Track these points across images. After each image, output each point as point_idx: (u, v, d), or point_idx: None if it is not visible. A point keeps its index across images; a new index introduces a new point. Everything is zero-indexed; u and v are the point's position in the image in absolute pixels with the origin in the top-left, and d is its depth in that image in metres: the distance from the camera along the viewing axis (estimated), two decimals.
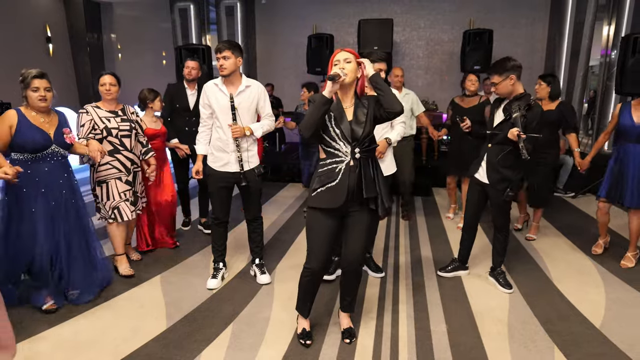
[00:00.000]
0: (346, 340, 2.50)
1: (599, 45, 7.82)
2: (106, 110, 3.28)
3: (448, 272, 3.38)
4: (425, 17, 8.83)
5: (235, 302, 2.98)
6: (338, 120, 2.25)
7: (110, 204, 3.26)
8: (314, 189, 2.31)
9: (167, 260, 3.68)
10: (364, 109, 2.29)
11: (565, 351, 2.41)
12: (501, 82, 2.90)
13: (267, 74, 9.04)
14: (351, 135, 2.23)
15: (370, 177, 2.28)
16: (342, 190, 2.24)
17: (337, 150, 2.26)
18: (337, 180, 2.25)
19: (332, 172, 2.26)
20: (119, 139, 3.26)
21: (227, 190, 3.15)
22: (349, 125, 2.24)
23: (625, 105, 3.42)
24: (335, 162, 2.27)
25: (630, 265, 3.55)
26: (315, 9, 9.06)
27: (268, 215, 4.82)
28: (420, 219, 4.90)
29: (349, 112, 2.29)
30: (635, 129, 3.30)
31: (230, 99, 2.93)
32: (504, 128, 2.91)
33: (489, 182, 3.02)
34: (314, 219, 2.35)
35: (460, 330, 2.64)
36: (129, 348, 2.45)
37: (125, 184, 3.30)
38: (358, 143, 2.24)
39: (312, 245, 2.37)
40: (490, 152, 3.01)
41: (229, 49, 2.89)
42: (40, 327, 2.64)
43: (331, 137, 2.26)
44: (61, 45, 8.92)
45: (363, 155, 2.27)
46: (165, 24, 9.34)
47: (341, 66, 2.22)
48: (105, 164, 3.21)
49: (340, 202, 2.25)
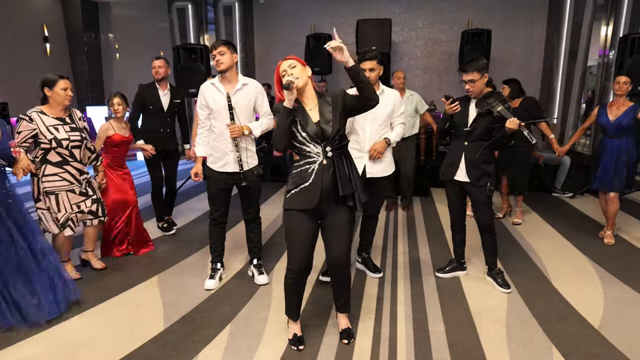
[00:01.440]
0: (344, 341, 2.50)
1: (597, 45, 7.84)
2: (53, 117, 3.03)
3: (446, 272, 3.37)
4: (424, 17, 8.83)
5: (233, 302, 2.97)
6: (304, 124, 2.24)
7: (62, 216, 3.11)
8: (288, 191, 2.30)
9: (165, 261, 3.67)
10: (329, 106, 2.28)
11: (564, 351, 2.41)
12: (479, 80, 2.94)
13: (265, 74, 9.03)
14: (320, 136, 2.22)
15: (345, 174, 2.26)
16: (315, 190, 2.23)
17: (308, 152, 2.26)
18: (310, 181, 2.24)
19: (304, 172, 2.26)
20: (69, 150, 3.07)
21: (226, 191, 3.14)
22: (315, 127, 2.23)
23: (602, 106, 4.03)
24: (307, 163, 2.26)
25: (612, 241, 4.05)
26: (313, 8, 9.05)
27: (266, 215, 4.81)
28: (419, 219, 4.90)
29: (314, 113, 2.28)
30: (611, 125, 3.90)
31: (227, 98, 2.92)
32: (480, 124, 2.96)
33: (470, 181, 3.03)
34: (290, 221, 2.32)
35: (459, 330, 2.64)
36: (126, 349, 2.44)
37: (80, 195, 3.18)
38: (328, 142, 2.24)
39: (292, 246, 2.35)
40: (467, 150, 3.03)
41: (224, 45, 2.91)
42: (36, 329, 2.63)
43: (300, 141, 2.26)
44: (59, 45, 8.91)
45: (336, 153, 2.26)
46: (163, 24, 9.33)
47: (289, 73, 2.23)
48: (52, 174, 3.05)
49: (314, 202, 2.24)
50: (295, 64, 2.26)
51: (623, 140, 3.88)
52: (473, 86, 2.96)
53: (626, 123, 3.82)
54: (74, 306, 2.88)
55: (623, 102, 3.88)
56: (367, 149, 3.05)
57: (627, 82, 3.83)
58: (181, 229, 4.57)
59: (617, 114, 3.87)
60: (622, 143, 3.88)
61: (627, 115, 3.82)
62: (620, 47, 5.66)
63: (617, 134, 3.88)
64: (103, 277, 3.37)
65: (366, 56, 3.00)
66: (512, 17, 8.49)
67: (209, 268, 3.33)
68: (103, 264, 3.49)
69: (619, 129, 3.86)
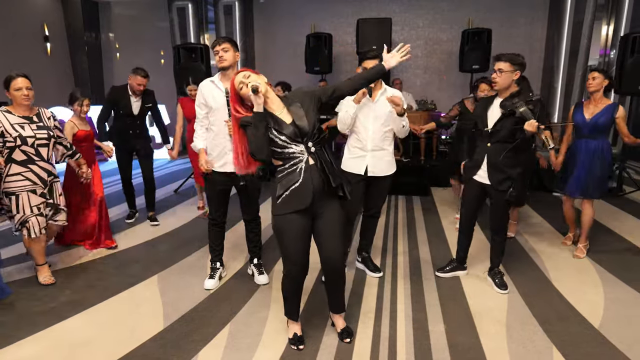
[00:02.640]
0: (346, 340, 2.48)
1: (597, 44, 7.83)
2: (19, 116, 2.99)
3: (446, 272, 3.37)
4: (424, 17, 8.83)
5: (232, 302, 2.97)
6: (279, 129, 2.21)
7: (20, 218, 3.02)
8: (278, 196, 2.25)
9: (165, 261, 3.67)
10: (297, 104, 2.27)
11: (564, 351, 2.41)
12: (507, 72, 2.80)
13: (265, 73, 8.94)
14: (299, 134, 2.21)
15: (330, 165, 2.25)
16: (307, 189, 2.21)
17: (292, 153, 2.22)
18: (300, 180, 2.21)
19: (292, 174, 2.22)
20: (34, 148, 3.01)
21: (225, 192, 3.14)
22: (292, 127, 2.21)
23: (577, 104, 3.73)
24: (293, 164, 2.22)
25: (582, 256, 3.73)
26: (313, 8, 9.05)
27: (266, 215, 4.79)
28: (419, 218, 4.89)
29: (285, 115, 2.26)
30: (586, 124, 3.59)
31: (226, 94, 2.90)
32: (504, 125, 2.85)
33: (491, 184, 2.96)
34: (283, 224, 2.28)
35: (459, 330, 2.63)
36: (126, 348, 2.44)
37: (40, 196, 3.08)
38: (308, 137, 2.22)
39: (287, 249, 2.31)
40: (490, 151, 2.94)
41: (228, 42, 2.89)
42: (36, 328, 2.63)
43: (281, 145, 2.21)
44: (59, 44, 8.91)
45: (317, 147, 2.25)
46: (163, 23, 9.33)
47: (245, 83, 2.22)
48: (15, 174, 2.98)
49: (307, 201, 2.21)
50: (249, 74, 2.25)
51: (598, 142, 3.57)
52: (499, 76, 2.81)
53: (602, 122, 3.52)
54: (73, 305, 2.89)
55: (600, 99, 3.56)
56: (370, 147, 3.04)
57: (598, 77, 3.48)
58: (181, 228, 4.57)
59: (593, 112, 3.55)
60: (597, 145, 3.56)
61: (603, 114, 3.51)
62: (621, 46, 5.65)
63: (593, 134, 3.57)
64: (103, 276, 3.37)
65: (367, 55, 2.97)
66: (513, 17, 8.49)
67: (209, 267, 3.32)
68: (51, 279, 3.23)
69: (594, 128, 3.55)
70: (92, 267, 3.54)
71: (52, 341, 2.52)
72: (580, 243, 3.81)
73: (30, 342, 2.51)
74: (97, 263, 3.61)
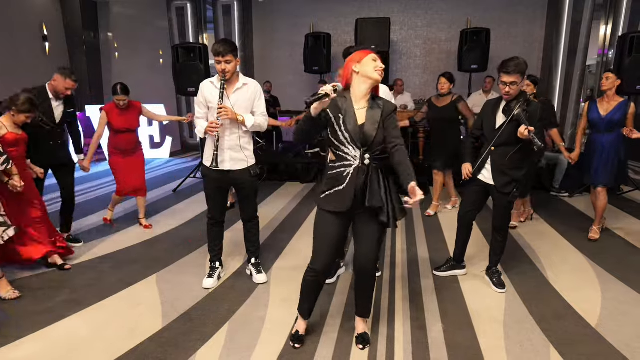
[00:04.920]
0: (359, 346, 2.44)
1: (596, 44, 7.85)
2: None
3: (443, 271, 3.37)
4: (423, 16, 8.84)
5: (231, 301, 2.97)
6: (347, 123, 2.15)
7: None
8: (322, 191, 2.27)
9: (163, 260, 3.67)
10: (379, 110, 2.19)
11: (561, 350, 2.41)
12: (519, 84, 2.82)
13: (264, 73, 9.03)
14: (361, 140, 2.15)
15: (376, 186, 2.18)
16: (349, 194, 2.19)
17: (346, 154, 2.19)
18: (344, 185, 2.20)
19: (340, 175, 2.21)
20: None
21: (223, 190, 3.14)
22: (358, 129, 2.15)
23: (591, 102, 4.03)
24: (344, 166, 2.21)
25: (596, 237, 4.10)
26: (312, 7, 9.06)
27: (265, 215, 4.81)
28: (417, 218, 4.90)
29: (361, 114, 2.18)
30: (602, 120, 3.92)
31: (221, 87, 2.87)
32: (506, 129, 2.86)
33: (495, 185, 2.98)
34: (321, 221, 2.30)
35: (457, 329, 2.64)
36: (125, 347, 2.44)
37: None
38: (368, 149, 2.17)
39: (318, 246, 2.32)
40: (494, 154, 2.95)
41: (230, 53, 2.83)
42: (34, 327, 2.63)
43: (340, 141, 2.18)
44: (58, 44, 8.90)
45: (373, 164, 2.20)
46: (162, 23, 9.33)
47: (381, 65, 2.17)
48: None
49: (346, 206, 2.20)
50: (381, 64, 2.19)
51: (614, 135, 3.89)
52: (512, 88, 2.81)
53: (618, 118, 3.84)
54: (71, 305, 2.89)
55: (613, 97, 3.90)
56: None
57: (611, 77, 3.84)
58: (179, 227, 4.57)
59: (608, 109, 3.88)
60: (613, 138, 3.89)
61: (618, 110, 3.84)
62: (619, 46, 5.65)
63: (609, 129, 3.90)
64: (101, 276, 3.37)
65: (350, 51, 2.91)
66: (511, 16, 8.50)
67: (208, 267, 3.33)
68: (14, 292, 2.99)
69: (610, 124, 3.88)
70: (90, 266, 3.54)
71: (51, 341, 2.52)
72: (595, 225, 4.15)
73: (30, 341, 2.51)
74: (95, 262, 3.61)
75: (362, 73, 2.17)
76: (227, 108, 2.86)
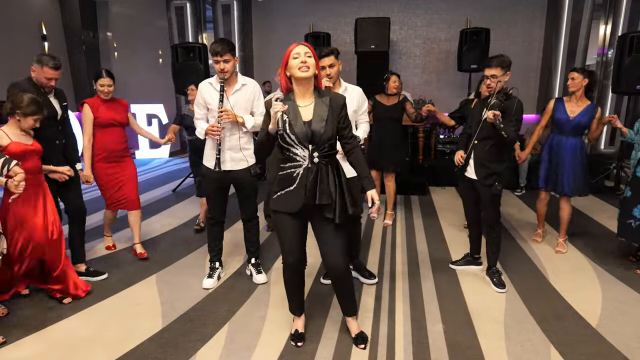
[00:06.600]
0: (360, 346, 2.43)
1: (595, 44, 7.84)
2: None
3: (460, 265, 3.44)
4: (422, 16, 8.84)
5: (231, 301, 2.97)
6: (292, 124, 2.12)
7: None
8: (274, 192, 2.26)
9: (163, 260, 3.66)
10: (324, 107, 2.16)
11: (561, 350, 2.41)
12: (501, 77, 2.96)
13: (263, 73, 9.02)
14: (308, 138, 2.12)
15: (325, 183, 2.15)
16: (299, 195, 2.17)
17: (295, 154, 2.16)
18: (294, 185, 2.18)
19: (289, 176, 2.20)
20: None
21: (223, 190, 3.14)
22: (304, 128, 2.12)
23: (558, 101, 3.73)
24: (293, 167, 2.19)
25: (564, 250, 3.82)
26: (312, 7, 9.05)
27: None
28: (417, 218, 4.90)
29: (307, 111, 2.16)
30: (569, 122, 3.62)
31: (220, 88, 2.87)
32: (485, 123, 2.97)
33: (477, 178, 3.06)
34: (278, 220, 2.29)
35: (457, 329, 2.64)
36: (125, 347, 2.44)
37: None
38: (317, 147, 2.14)
39: (283, 242, 2.32)
40: (477, 148, 3.06)
41: (229, 52, 2.83)
42: (34, 327, 2.63)
43: (287, 143, 2.15)
44: (57, 43, 8.87)
45: (322, 161, 2.16)
46: (161, 22, 9.31)
47: (302, 59, 2.11)
48: None
49: (297, 207, 2.19)
50: (311, 54, 2.14)
51: (578, 139, 3.65)
52: (494, 81, 2.97)
53: (585, 122, 3.59)
54: (71, 305, 2.88)
55: (581, 98, 3.61)
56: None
57: (577, 77, 3.53)
58: (179, 228, 4.56)
59: (576, 112, 3.60)
60: (577, 142, 3.65)
61: (586, 114, 3.58)
62: (619, 46, 5.66)
63: (575, 132, 3.64)
64: None
65: (322, 53, 2.84)
66: (511, 16, 8.50)
67: (208, 267, 3.32)
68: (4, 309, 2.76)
69: (578, 127, 3.61)
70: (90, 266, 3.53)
71: (50, 341, 2.52)
72: (560, 238, 3.89)
73: (30, 341, 2.50)
74: (95, 263, 3.60)
75: (292, 74, 2.18)
76: (229, 111, 2.87)
